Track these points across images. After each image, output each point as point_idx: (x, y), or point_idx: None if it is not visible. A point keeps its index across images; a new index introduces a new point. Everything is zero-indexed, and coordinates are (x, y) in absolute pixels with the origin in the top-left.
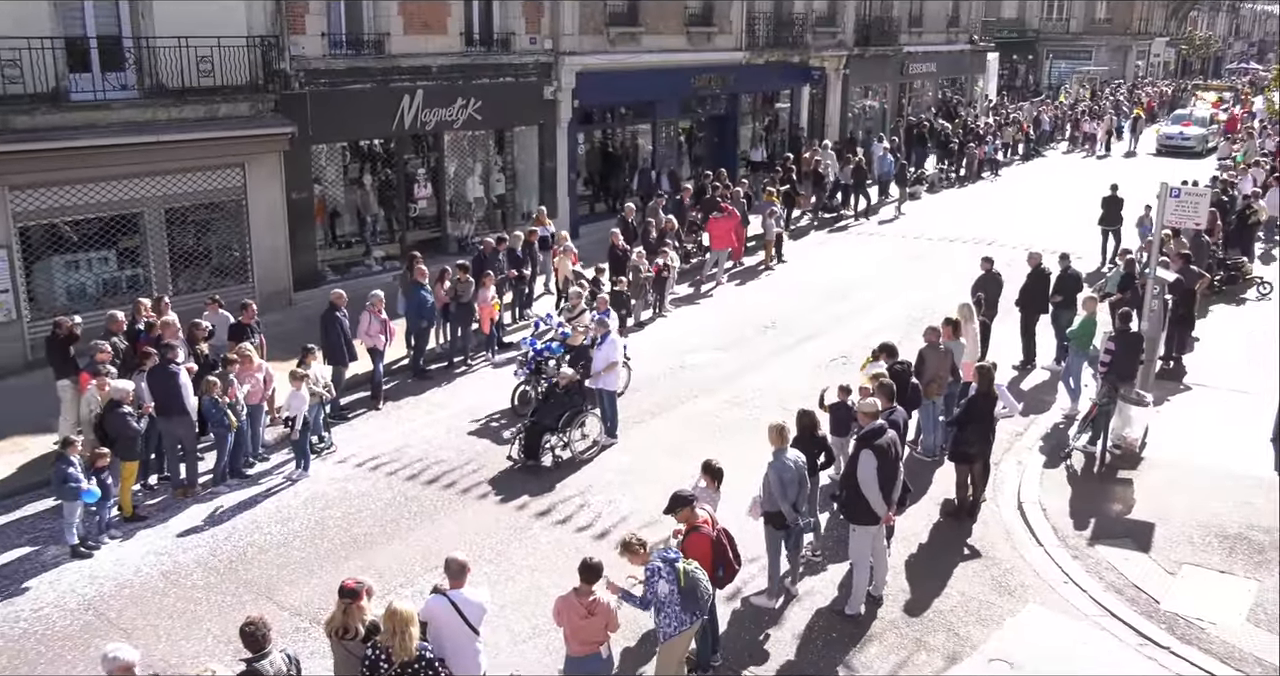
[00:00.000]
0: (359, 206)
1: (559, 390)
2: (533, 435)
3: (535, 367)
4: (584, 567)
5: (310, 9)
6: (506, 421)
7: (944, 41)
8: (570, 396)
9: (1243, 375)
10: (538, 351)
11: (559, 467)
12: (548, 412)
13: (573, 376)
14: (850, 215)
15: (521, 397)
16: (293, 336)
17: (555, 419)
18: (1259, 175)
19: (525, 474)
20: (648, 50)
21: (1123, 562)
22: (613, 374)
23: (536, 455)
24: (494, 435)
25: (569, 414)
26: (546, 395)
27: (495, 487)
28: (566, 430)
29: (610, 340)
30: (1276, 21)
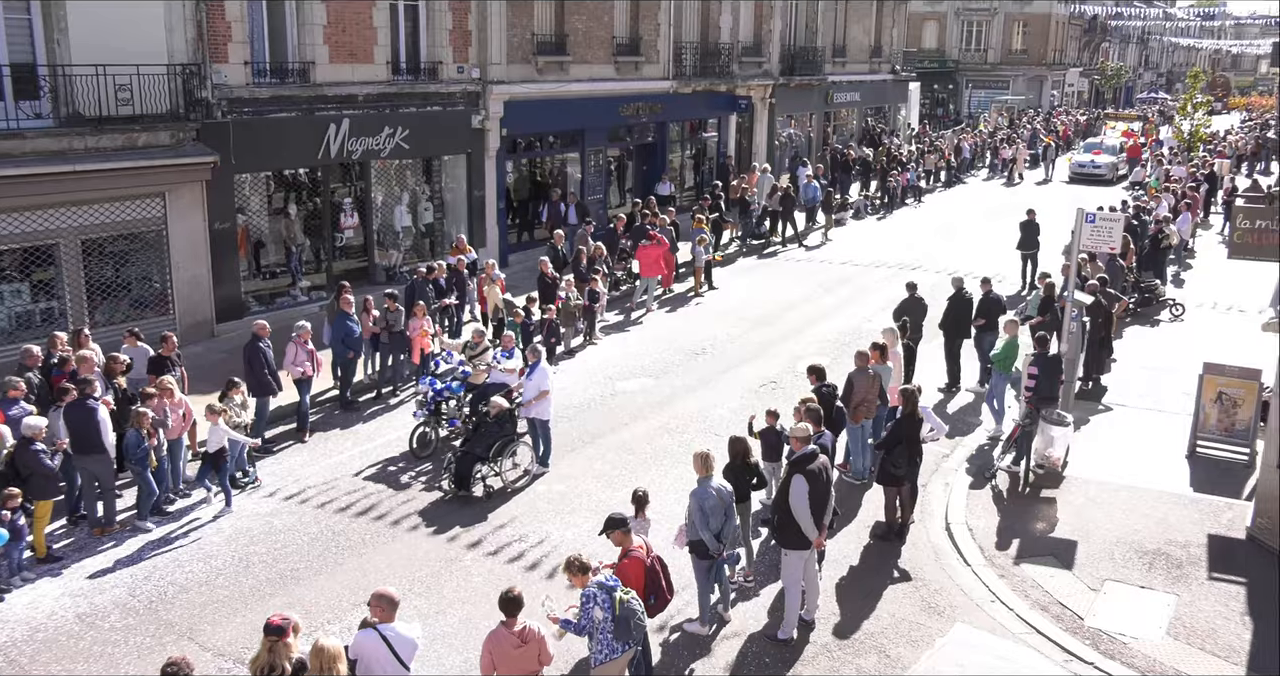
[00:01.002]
0: (284, 236)
1: (490, 419)
2: (463, 465)
3: (434, 408)
4: (504, 601)
5: (233, 37)
6: (405, 464)
7: (867, 71)
8: (501, 425)
9: (1158, 394)
10: (437, 391)
11: (490, 497)
12: (479, 442)
13: (504, 405)
14: (778, 242)
15: (420, 439)
16: (215, 369)
17: (486, 448)
18: (1170, 201)
19: (456, 505)
20: (576, 79)
21: (1048, 580)
22: (545, 402)
23: (467, 485)
24: (424, 467)
25: (500, 443)
26: (477, 425)
27: (425, 519)
28: (498, 459)
29: (540, 368)
30: (1184, 53)
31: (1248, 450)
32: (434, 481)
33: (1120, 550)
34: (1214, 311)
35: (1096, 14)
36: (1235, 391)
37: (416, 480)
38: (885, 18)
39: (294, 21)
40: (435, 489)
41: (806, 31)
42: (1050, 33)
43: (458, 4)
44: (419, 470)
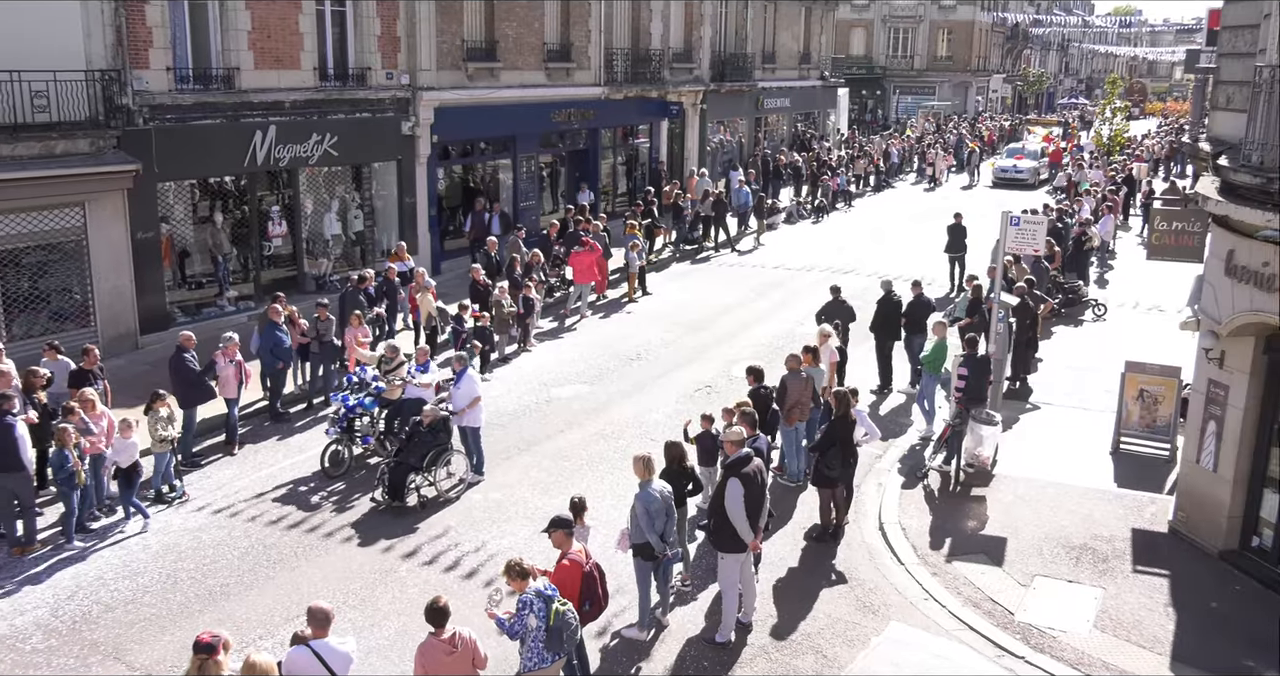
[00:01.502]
0: (210, 245)
1: (424, 428)
2: (397, 475)
3: (347, 425)
4: (431, 611)
5: (154, 42)
6: (316, 484)
7: (797, 77)
8: (435, 434)
9: (1083, 393)
10: (349, 408)
11: (425, 507)
12: (412, 451)
13: (437, 413)
14: (711, 247)
15: (333, 458)
16: (139, 381)
17: (420, 458)
18: (1091, 203)
19: (390, 515)
20: (507, 85)
21: (979, 577)
22: (476, 409)
23: (401, 495)
24: (357, 477)
25: (434, 452)
26: (410, 434)
27: (359, 531)
28: (432, 469)
29: (467, 375)
30: (1102, 59)
31: (1169, 446)
32: (369, 492)
33: (1048, 546)
34: (1135, 311)
35: (1018, 21)
36: (1156, 389)
37: (350, 491)
38: (814, 25)
39: (218, 27)
40: (369, 500)
41: (736, 38)
42: (974, 40)
43: (386, 10)
44: (352, 481)
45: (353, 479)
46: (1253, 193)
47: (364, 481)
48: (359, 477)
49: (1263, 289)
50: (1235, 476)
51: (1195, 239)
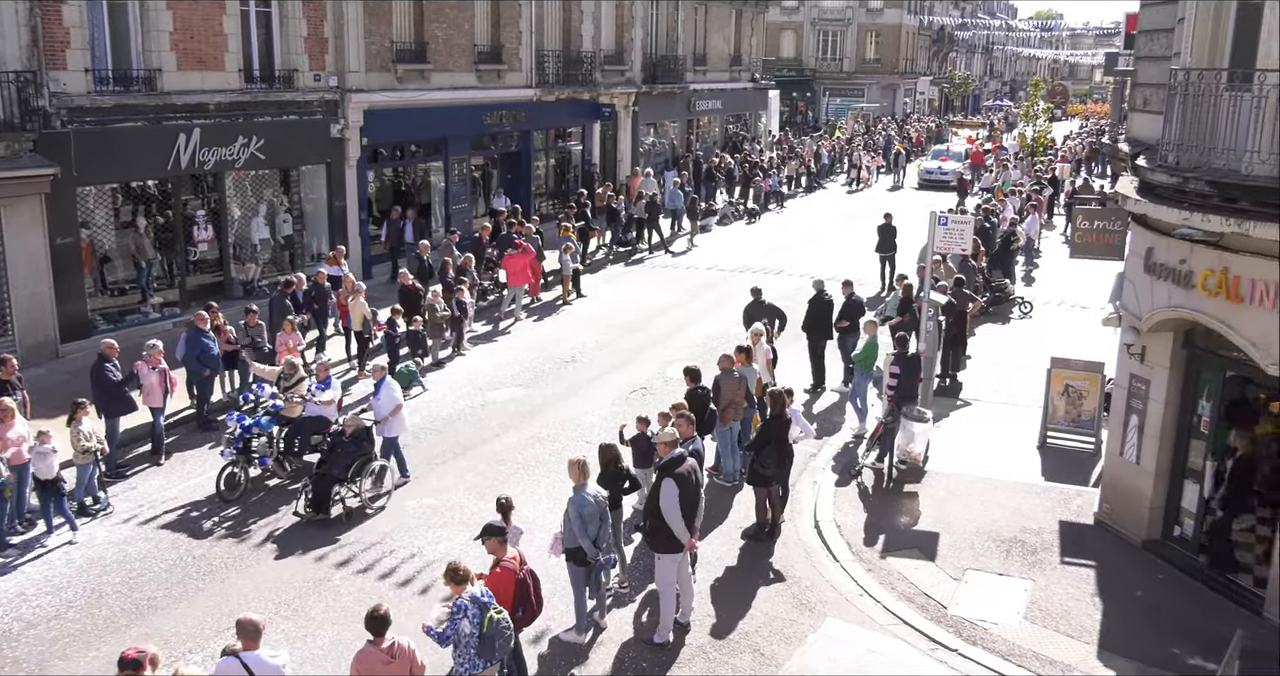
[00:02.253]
0: (133, 251)
1: (346, 438)
2: (321, 487)
3: (244, 446)
4: (371, 619)
5: (72, 43)
6: (209, 509)
7: (728, 79)
8: (358, 444)
9: (1010, 389)
10: (246, 428)
11: (350, 518)
12: (335, 463)
13: (360, 423)
14: (644, 249)
15: (228, 481)
16: (60, 391)
17: (344, 469)
18: (1016, 203)
19: (323, 523)
20: (437, 88)
21: (912, 572)
22: (399, 417)
23: (325, 508)
24: (253, 501)
25: (358, 462)
26: (332, 445)
27: (291, 540)
28: (357, 479)
29: (386, 384)
30: (1025, 62)
31: (1094, 439)
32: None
33: (979, 540)
34: (1060, 308)
35: (944, 24)
36: (1080, 384)
37: (282, 500)
38: (744, 27)
39: (138, 27)
40: (293, 514)
41: (668, 40)
42: (901, 42)
43: (313, 11)
44: (285, 490)
45: (287, 489)
46: (1169, 192)
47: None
48: (256, 501)
49: (1181, 285)
50: (1157, 468)
51: (1116, 237)
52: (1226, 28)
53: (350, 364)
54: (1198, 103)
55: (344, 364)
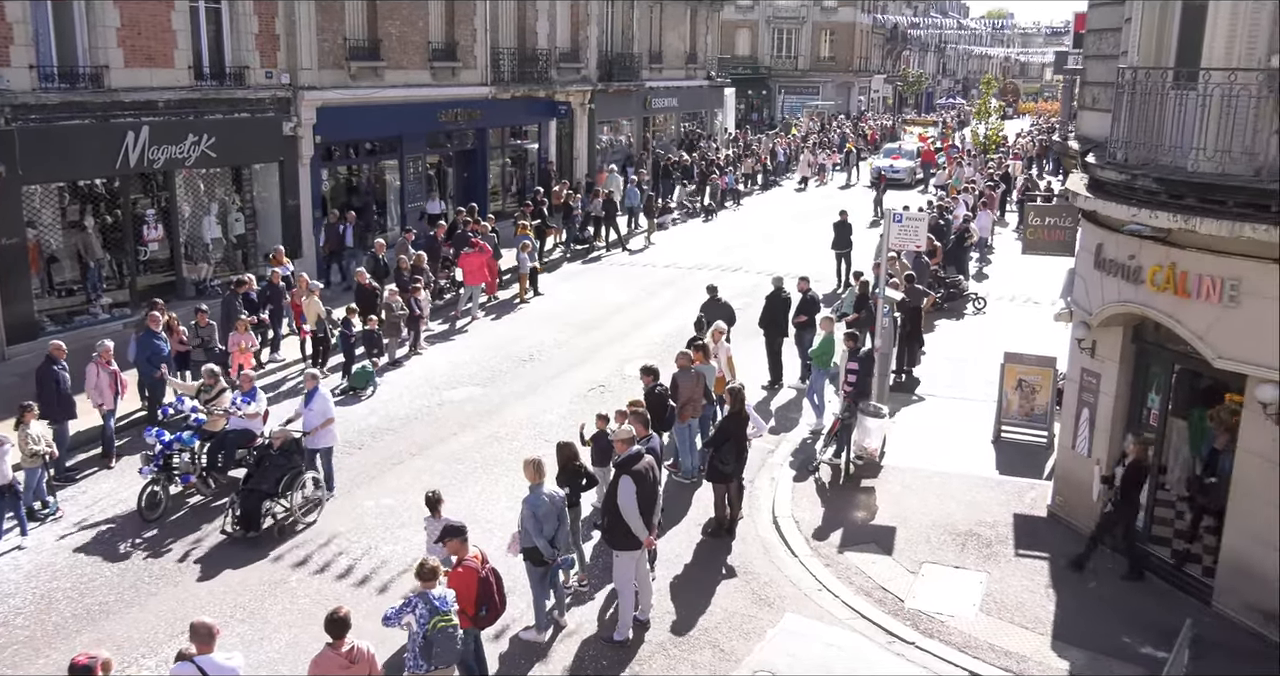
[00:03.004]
0: (81, 251)
1: (274, 452)
2: (249, 503)
3: (164, 463)
4: (331, 622)
5: (15, 39)
6: (129, 529)
7: (684, 77)
8: (288, 457)
9: (964, 384)
10: (166, 444)
11: (281, 534)
12: (264, 477)
13: (288, 435)
14: (601, 247)
15: (149, 500)
16: (5, 394)
17: (274, 483)
18: (969, 200)
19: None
20: (391, 85)
21: (870, 566)
22: (329, 430)
23: (255, 524)
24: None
25: (288, 476)
26: (259, 459)
27: (247, 542)
28: (287, 494)
29: (319, 394)
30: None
31: (1046, 433)
32: None
33: (935, 533)
34: (1012, 304)
35: (897, 23)
36: (1033, 379)
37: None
38: (699, 25)
39: (84, 23)
40: (219, 532)
41: (623, 38)
42: (855, 41)
43: (264, 8)
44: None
45: (209, 499)
46: (1118, 189)
47: None
48: (175, 520)
49: (1130, 281)
50: (1108, 460)
51: (1067, 233)
52: (1172, 27)
53: (305, 364)
54: (1145, 101)
55: (299, 364)
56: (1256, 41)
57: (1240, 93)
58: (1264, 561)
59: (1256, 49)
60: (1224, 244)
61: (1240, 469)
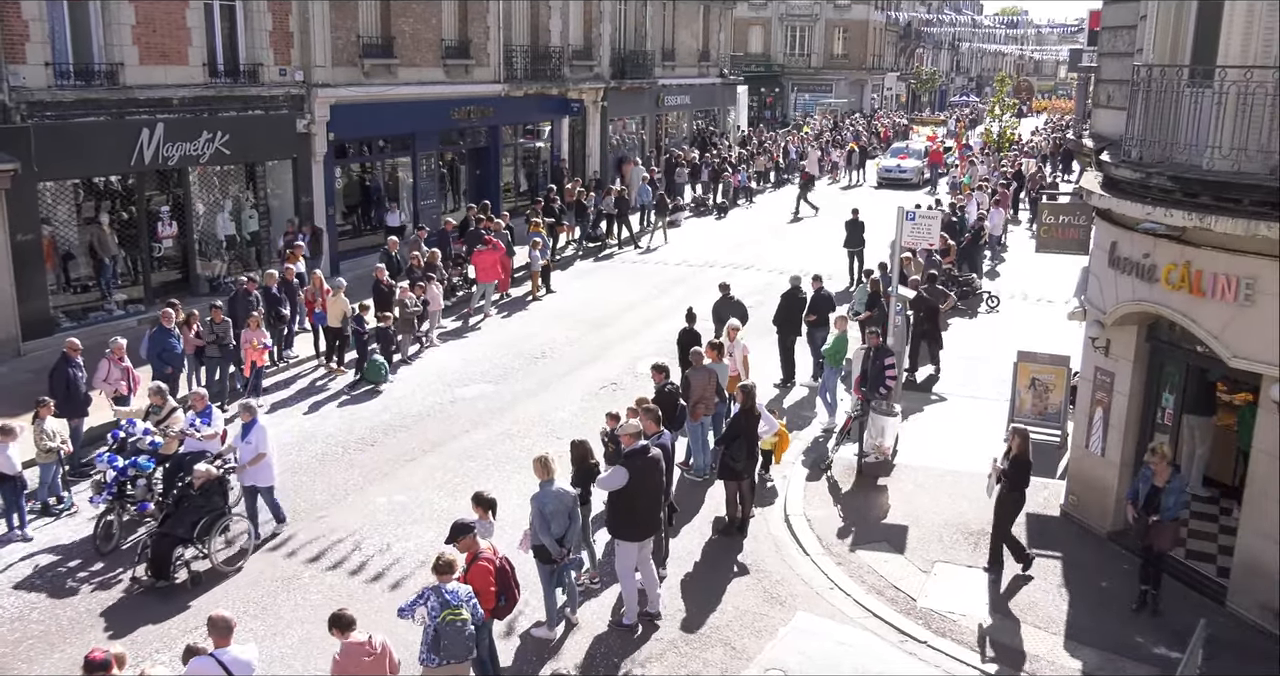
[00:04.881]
0: (96, 247)
1: (194, 492)
2: (160, 548)
3: (119, 491)
4: (337, 619)
5: (31, 36)
6: (83, 561)
7: (696, 74)
8: (209, 497)
9: (978, 383)
10: (120, 470)
11: (196, 585)
12: (180, 521)
13: (210, 473)
14: (614, 244)
15: (105, 530)
16: (21, 390)
17: (190, 526)
18: (983, 199)
19: (292, 517)
20: (404, 82)
21: (882, 565)
22: (264, 466)
23: (167, 572)
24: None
25: (208, 519)
26: (179, 499)
27: (262, 535)
28: (205, 539)
29: (257, 427)
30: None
31: (1060, 432)
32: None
33: (948, 532)
34: (1025, 302)
35: (910, 20)
36: (1047, 377)
37: None
38: (712, 23)
39: (99, 21)
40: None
41: (636, 35)
42: (868, 38)
43: (278, 4)
44: None
45: None
46: (1133, 187)
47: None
48: None
49: (1144, 279)
50: (1122, 460)
51: (1080, 232)
52: (1188, 25)
53: (318, 361)
54: (1160, 99)
55: (312, 361)
56: (1273, 39)
57: (1256, 90)
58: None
59: (1273, 46)
60: (1239, 242)
61: (1255, 467)
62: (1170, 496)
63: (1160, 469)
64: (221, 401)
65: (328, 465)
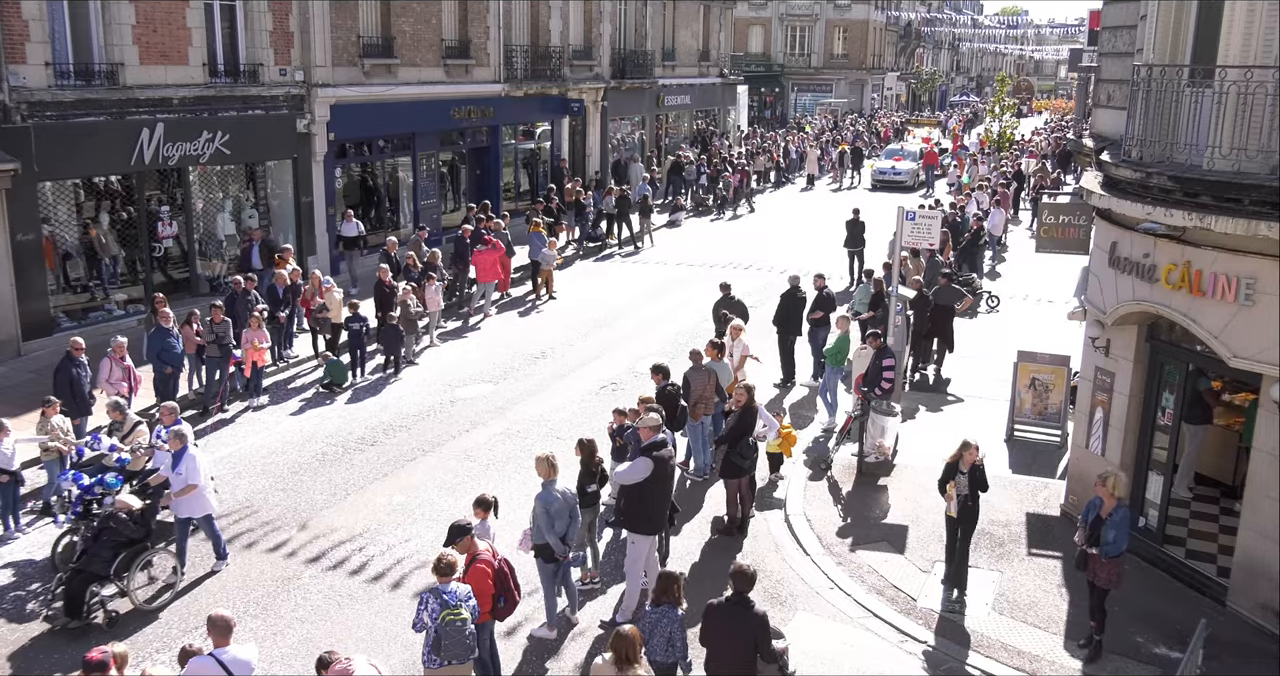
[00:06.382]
0: (97, 247)
1: (112, 524)
2: (75, 587)
3: (84, 510)
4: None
5: (31, 37)
6: (239, 481)
7: (696, 74)
8: (129, 530)
9: (978, 382)
10: (85, 488)
11: (113, 625)
12: (97, 556)
13: (129, 504)
14: (614, 244)
15: (66, 551)
16: (22, 389)
17: (106, 563)
18: (983, 198)
19: (292, 518)
20: (404, 82)
21: (882, 565)
22: (197, 497)
23: (80, 612)
24: (248, 481)
25: (127, 555)
26: (97, 532)
27: (262, 535)
28: (124, 576)
29: (187, 455)
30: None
31: (1060, 432)
32: (279, 489)
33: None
34: (1026, 302)
35: (911, 20)
36: (1047, 377)
37: (253, 495)
38: (712, 22)
39: (99, 20)
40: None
41: (636, 35)
42: (869, 38)
43: (278, 4)
44: (256, 486)
45: (244, 488)
46: (1133, 187)
47: (279, 475)
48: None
49: (1145, 279)
50: (1122, 460)
51: (1081, 231)
52: (1188, 24)
53: (318, 361)
54: (1160, 99)
55: (311, 361)
56: (1273, 39)
57: (1256, 90)
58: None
59: (1273, 46)
60: (1239, 242)
61: (1255, 467)
62: (1111, 530)
63: (1107, 500)
64: (221, 401)
65: (328, 465)
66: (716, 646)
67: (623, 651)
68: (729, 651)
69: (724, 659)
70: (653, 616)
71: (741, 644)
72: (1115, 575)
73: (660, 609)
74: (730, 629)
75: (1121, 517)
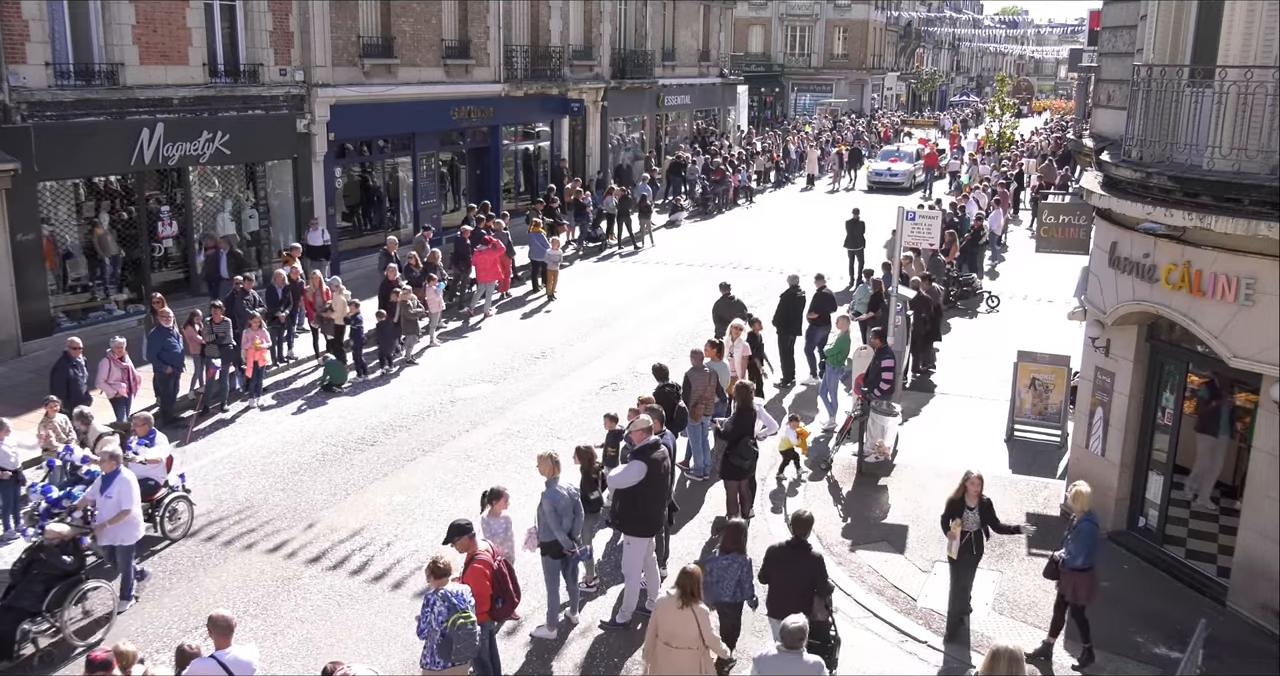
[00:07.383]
0: (96, 247)
1: (43, 556)
2: (5, 624)
3: None
4: None
5: (31, 36)
6: (236, 480)
7: (696, 74)
8: (62, 561)
9: (978, 382)
10: (54, 501)
11: (45, 662)
12: (27, 590)
13: (61, 532)
14: (614, 244)
15: None
16: (22, 389)
17: (36, 598)
18: (982, 198)
19: (292, 518)
20: (404, 82)
21: (882, 564)
22: (130, 522)
23: (9, 650)
24: (248, 481)
25: (61, 587)
26: (28, 563)
27: (261, 536)
28: (56, 611)
29: (120, 478)
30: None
31: (1060, 432)
32: (279, 488)
33: None
34: (1026, 302)
35: (911, 20)
36: (1047, 377)
37: (253, 495)
38: (712, 22)
39: (99, 20)
40: None
41: (636, 35)
42: (869, 38)
43: (278, 4)
44: (256, 486)
45: (244, 485)
46: (1133, 187)
47: (279, 475)
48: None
49: (1145, 279)
50: (1122, 460)
51: (1081, 231)
52: (1188, 24)
53: (318, 361)
54: (1160, 99)
55: (312, 361)
56: (1273, 39)
57: (1256, 90)
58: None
59: (1273, 46)
60: (1239, 242)
61: (1255, 467)
62: (1073, 541)
63: (1077, 510)
64: (221, 401)
65: (328, 465)
66: (778, 584)
67: (688, 587)
68: (790, 588)
69: (784, 594)
70: (723, 562)
71: (800, 582)
72: (1085, 589)
73: (730, 555)
74: (790, 568)
75: (1086, 530)
